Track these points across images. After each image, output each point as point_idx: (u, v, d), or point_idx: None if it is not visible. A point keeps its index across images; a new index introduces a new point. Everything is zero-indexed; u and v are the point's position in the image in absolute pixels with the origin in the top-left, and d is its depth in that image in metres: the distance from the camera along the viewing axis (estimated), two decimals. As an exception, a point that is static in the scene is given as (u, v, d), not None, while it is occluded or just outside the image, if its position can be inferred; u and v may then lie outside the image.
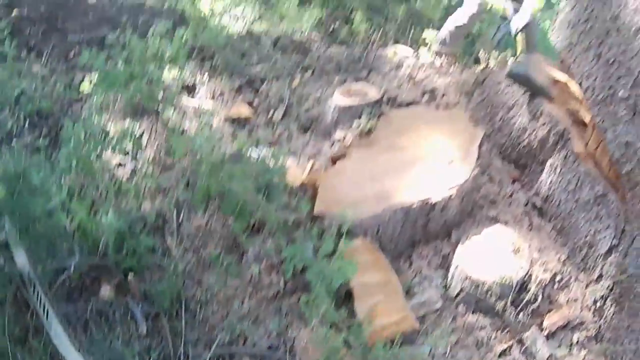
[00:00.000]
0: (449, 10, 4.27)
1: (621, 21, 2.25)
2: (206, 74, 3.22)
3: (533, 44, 2.63)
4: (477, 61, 3.46)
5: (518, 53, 2.62)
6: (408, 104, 2.93)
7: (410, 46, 3.72)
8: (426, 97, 2.96)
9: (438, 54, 3.33)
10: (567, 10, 2.70)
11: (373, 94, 2.92)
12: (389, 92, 3.00)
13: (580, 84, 2.48)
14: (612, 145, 2.24)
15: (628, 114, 2.16)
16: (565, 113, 2.58)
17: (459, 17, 3.35)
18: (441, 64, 3.22)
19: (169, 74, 2.84)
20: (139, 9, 3.85)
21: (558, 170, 2.52)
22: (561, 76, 2.61)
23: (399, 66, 3.26)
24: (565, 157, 2.48)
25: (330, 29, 4.13)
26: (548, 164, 2.59)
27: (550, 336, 2.17)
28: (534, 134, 2.65)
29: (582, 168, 2.38)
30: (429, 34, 3.52)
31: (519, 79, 2.63)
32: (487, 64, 3.26)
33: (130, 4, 3.91)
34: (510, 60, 3.05)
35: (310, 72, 3.31)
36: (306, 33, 3.91)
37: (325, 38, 3.99)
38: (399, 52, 3.46)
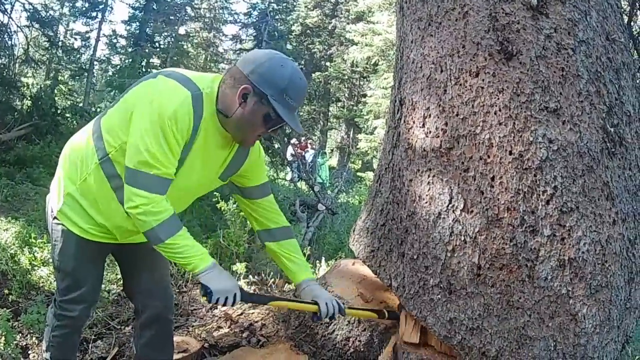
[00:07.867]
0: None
1: (418, 216, 2.20)
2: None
3: None
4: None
5: None
6: (230, 347, 2.81)
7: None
8: (246, 333, 2.89)
9: (250, 283, 3.38)
10: (364, 218, 2.64)
11: (194, 344, 2.77)
12: (209, 338, 2.88)
13: (390, 286, 2.38)
14: (436, 326, 2.13)
15: (444, 295, 2.10)
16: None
17: None
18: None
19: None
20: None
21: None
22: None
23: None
24: (394, 351, 2.39)
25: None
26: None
27: None
28: (357, 340, 2.69)
29: (413, 355, 2.28)
30: (239, 266, 3.61)
31: None
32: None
33: None
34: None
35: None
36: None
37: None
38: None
